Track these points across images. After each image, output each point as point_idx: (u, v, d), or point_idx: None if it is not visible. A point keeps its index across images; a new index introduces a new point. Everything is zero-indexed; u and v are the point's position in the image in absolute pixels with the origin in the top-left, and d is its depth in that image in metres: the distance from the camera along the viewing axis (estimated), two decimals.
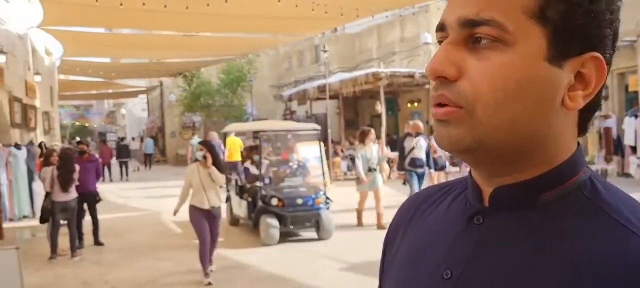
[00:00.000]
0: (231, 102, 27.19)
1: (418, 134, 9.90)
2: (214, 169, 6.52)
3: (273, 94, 28.81)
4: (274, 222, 8.41)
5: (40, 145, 12.89)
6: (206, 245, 6.55)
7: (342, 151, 19.57)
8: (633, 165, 13.09)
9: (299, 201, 8.55)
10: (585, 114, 0.72)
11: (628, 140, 13.29)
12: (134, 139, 35.23)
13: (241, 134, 14.00)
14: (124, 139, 29.26)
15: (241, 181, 10.18)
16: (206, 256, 6.56)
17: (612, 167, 14.01)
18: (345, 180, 17.23)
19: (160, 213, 12.34)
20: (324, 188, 9.47)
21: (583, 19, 0.67)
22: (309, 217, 8.63)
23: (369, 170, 9.41)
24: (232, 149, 19.34)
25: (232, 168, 19.93)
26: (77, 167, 8.27)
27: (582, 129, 0.73)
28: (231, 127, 13.61)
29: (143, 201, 14.89)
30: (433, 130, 0.80)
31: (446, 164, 12.98)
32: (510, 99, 0.67)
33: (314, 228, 8.69)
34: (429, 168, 10.02)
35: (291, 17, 11.69)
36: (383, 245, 0.94)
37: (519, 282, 0.67)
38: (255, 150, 10.45)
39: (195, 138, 22.45)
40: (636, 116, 13.08)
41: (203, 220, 6.61)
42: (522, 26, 0.66)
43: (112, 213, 11.97)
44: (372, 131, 9.85)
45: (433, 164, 10.43)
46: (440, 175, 12.41)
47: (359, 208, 9.73)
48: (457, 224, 0.77)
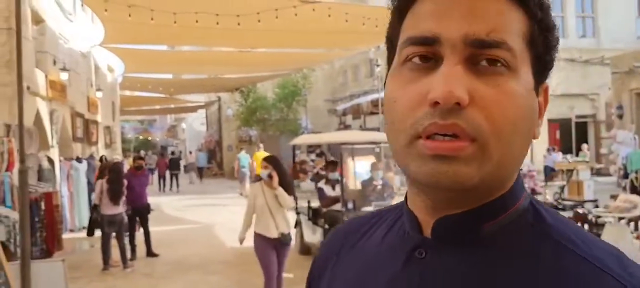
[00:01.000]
0: (286, 117, 27.47)
1: None
2: (281, 191, 5.42)
3: (327, 108, 28.92)
4: None
5: (101, 159, 13.36)
6: (272, 282, 5.47)
7: (394, 165, 19.35)
8: None
9: None
10: None
11: None
12: (191, 152, 36.23)
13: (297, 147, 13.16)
14: (174, 152, 30.56)
15: (314, 204, 8.96)
16: None
17: None
18: (399, 196, 17.02)
19: (213, 226, 12.55)
20: None
21: (553, 47, 0.67)
22: None
23: None
24: (259, 163, 19.64)
25: (257, 181, 20.02)
26: (126, 181, 8.52)
27: None
28: (301, 139, 12.72)
29: (197, 213, 15.18)
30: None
31: None
32: (515, 131, 0.63)
33: None
34: None
35: (342, 32, 11.70)
36: (307, 281, 0.87)
37: None
38: (331, 166, 9.42)
39: (243, 152, 22.65)
40: None
41: (270, 251, 5.47)
42: (522, 53, 0.64)
43: (166, 225, 12.24)
44: None
45: None
46: None
47: None
48: (395, 259, 0.71)
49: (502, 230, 0.66)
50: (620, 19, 21.84)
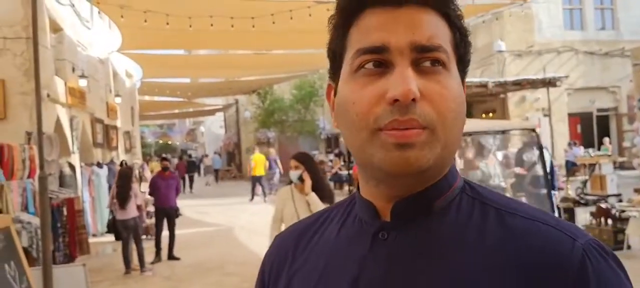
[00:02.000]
0: (304, 118, 27.51)
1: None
2: (314, 197, 4.33)
3: None
4: None
5: (121, 164, 13.51)
6: None
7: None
8: None
9: None
10: None
11: None
12: (206, 155, 36.64)
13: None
14: (191, 155, 31.96)
15: None
16: None
17: None
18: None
19: (232, 229, 12.62)
20: None
21: (468, 50, 0.80)
22: None
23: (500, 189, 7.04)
24: (257, 165, 19.90)
25: (255, 181, 20.05)
26: (153, 184, 8.58)
27: None
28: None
29: (216, 216, 15.27)
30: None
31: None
32: (456, 118, 0.75)
33: None
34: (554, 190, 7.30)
35: None
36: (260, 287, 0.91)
37: (439, 284, 0.72)
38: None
39: (257, 153, 22.75)
40: None
41: None
42: (451, 54, 0.76)
43: (185, 228, 12.32)
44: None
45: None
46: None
47: None
48: (359, 245, 0.79)
49: (449, 205, 0.78)
50: None
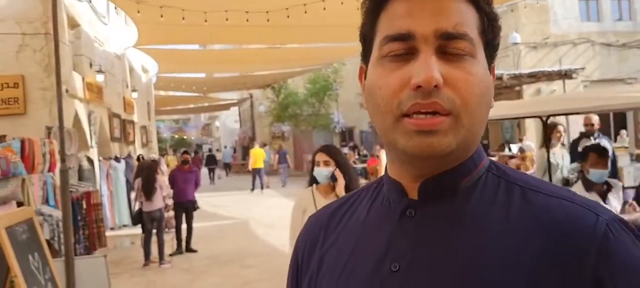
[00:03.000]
0: (318, 111, 27.53)
1: (596, 131, 6.54)
2: None
3: (359, 102, 28.84)
4: None
5: (138, 158, 13.66)
6: None
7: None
8: None
9: None
10: None
11: None
12: (218, 150, 37.25)
13: None
14: (211, 150, 32.05)
15: None
16: None
17: None
18: None
19: (247, 222, 12.72)
20: None
21: (497, 34, 0.82)
22: None
23: (566, 183, 6.28)
24: (256, 158, 20.89)
25: (255, 173, 20.87)
26: (172, 177, 8.68)
27: None
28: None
29: (232, 209, 15.39)
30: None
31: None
32: (481, 103, 0.77)
33: None
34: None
35: None
36: (294, 268, 0.96)
37: (465, 259, 0.74)
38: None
39: (267, 148, 23.70)
40: None
41: None
42: (477, 41, 0.78)
43: (202, 221, 12.43)
44: (560, 127, 6.56)
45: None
46: None
47: None
48: (387, 222, 0.83)
49: (475, 183, 0.80)
50: None
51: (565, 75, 16.32)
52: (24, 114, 8.87)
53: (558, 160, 6.49)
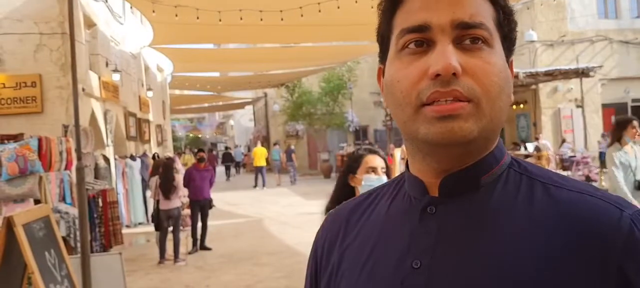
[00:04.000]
0: (332, 110, 27.51)
1: None
2: None
3: (373, 101, 28.81)
4: None
5: (153, 157, 13.76)
6: None
7: None
8: None
9: None
10: None
11: None
12: (229, 148, 37.87)
13: None
14: (228, 148, 34.21)
15: None
16: None
17: None
18: None
19: (262, 220, 12.76)
20: None
21: (513, 28, 0.82)
22: None
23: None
24: (258, 156, 22.13)
25: (257, 171, 22.16)
26: (189, 175, 8.73)
27: None
28: None
29: (247, 207, 15.45)
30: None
31: None
32: (501, 92, 0.76)
33: None
34: None
35: None
36: (313, 265, 0.95)
37: (487, 256, 0.73)
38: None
39: (276, 147, 24.45)
40: None
41: None
42: (494, 32, 0.78)
43: (216, 220, 12.49)
44: (635, 122, 5.92)
45: None
46: None
47: None
48: (408, 219, 0.82)
49: (497, 179, 0.80)
50: None
51: (582, 73, 16.15)
52: (41, 113, 8.98)
53: (630, 160, 5.72)
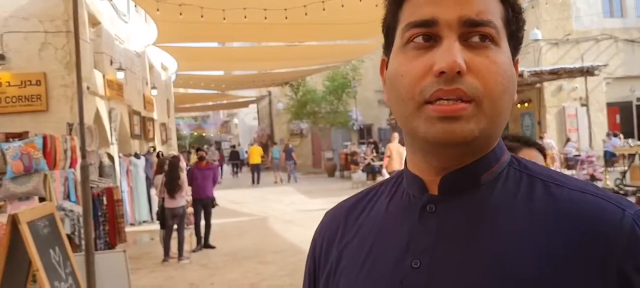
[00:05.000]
0: (336, 109, 27.50)
1: None
2: None
3: (377, 99, 28.82)
4: None
5: (157, 155, 13.79)
6: None
7: None
8: None
9: None
10: None
11: None
12: (235, 146, 38.16)
13: None
14: (234, 146, 34.53)
15: None
16: None
17: None
18: None
19: (266, 218, 12.77)
20: None
21: (521, 27, 0.80)
22: None
23: None
24: (253, 155, 23.85)
25: (253, 169, 22.69)
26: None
27: None
28: None
29: (251, 206, 15.47)
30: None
31: None
32: (505, 93, 0.75)
33: None
34: None
35: None
36: (312, 263, 0.94)
37: (487, 254, 0.73)
38: None
39: (276, 147, 24.89)
40: None
41: None
42: (502, 30, 0.76)
43: (222, 218, 12.51)
44: None
45: None
46: None
47: None
48: (407, 218, 0.81)
49: (497, 177, 0.79)
50: None
51: (587, 72, 16.10)
52: (46, 111, 9.01)
53: None
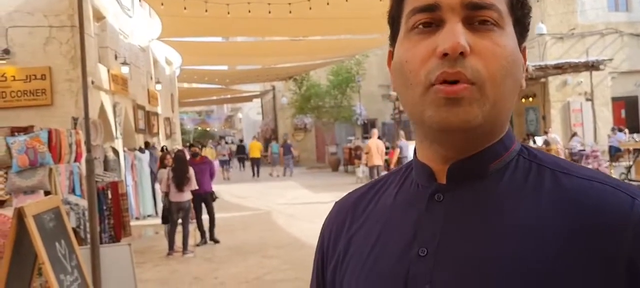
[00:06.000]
0: (340, 103, 27.48)
1: None
2: None
3: (381, 94, 28.79)
4: None
5: (162, 149, 13.81)
6: None
7: None
8: None
9: None
10: None
11: None
12: (242, 141, 38.30)
13: None
14: (242, 140, 34.19)
15: None
16: None
17: None
18: None
19: (270, 213, 12.79)
20: None
21: (528, 13, 0.80)
22: None
23: None
24: (253, 149, 24.88)
25: (253, 162, 24.13)
26: (191, 169, 8.75)
27: None
28: None
29: (255, 200, 15.49)
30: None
31: None
32: (508, 75, 0.74)
33: None
34: None
35: None
36: (320, 254, 0.95)
37: (495, 244, 0.72)
38: None
39: (273, 143, 25.44)
40: None
41: None
42: (506, 14, 0.76)
43: (225, 212, 12.55)
44: None
45: None
46: None
47: None
48: (415, 207, 0.81)
49: (505, 167, 0.79)
50: None
51: (592, 66, 16.05)
52: (51, 105, 9.05)
53: None
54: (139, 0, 14.22)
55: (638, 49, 19.62)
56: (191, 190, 9.35)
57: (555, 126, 18.63)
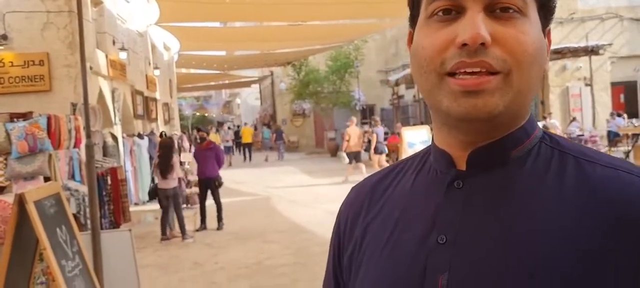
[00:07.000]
0: (339, 89, 27.43)
1: None
2: None
3: (380, 79, 28.73)
4: None
5: (161, 135, 13.78)
6: None
7: None
8: None
9: None
10: None
11: None
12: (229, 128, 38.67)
13: None
14: (239, 126, 34.28)
15: None
16: None
17: None
18: None
19: (270, 198, 12.82)
20: None
21: None
22: None
23: None
24: (245, 135, 26.17)
25: (245, 147, 25.41)
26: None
27: None
28: None
29: (254, 185, 15.52)
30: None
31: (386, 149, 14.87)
32: (533, 63, 0.72)
33: None
34: None
35: (393, 1, 11.58)
36: (336, 238, 0.93)
37: (515, 232, 0.71)
38: None
39: (265, 128, 25.80)
40: None
41: None
42: (530, 0, 0.74)
43: (225, 197, 12.53)
44: None
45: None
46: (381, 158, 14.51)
47: None
48: (434, 194, 0.80)
49: (527, 154, 0.77)
50: None
51: (591, 51, 16.01)
52: (49, 91, 9.00)
53: None
54: None
55: (638, 34, 19.56)
56: (198, 176, 9.36)
57: (554, 111, 18.62)
